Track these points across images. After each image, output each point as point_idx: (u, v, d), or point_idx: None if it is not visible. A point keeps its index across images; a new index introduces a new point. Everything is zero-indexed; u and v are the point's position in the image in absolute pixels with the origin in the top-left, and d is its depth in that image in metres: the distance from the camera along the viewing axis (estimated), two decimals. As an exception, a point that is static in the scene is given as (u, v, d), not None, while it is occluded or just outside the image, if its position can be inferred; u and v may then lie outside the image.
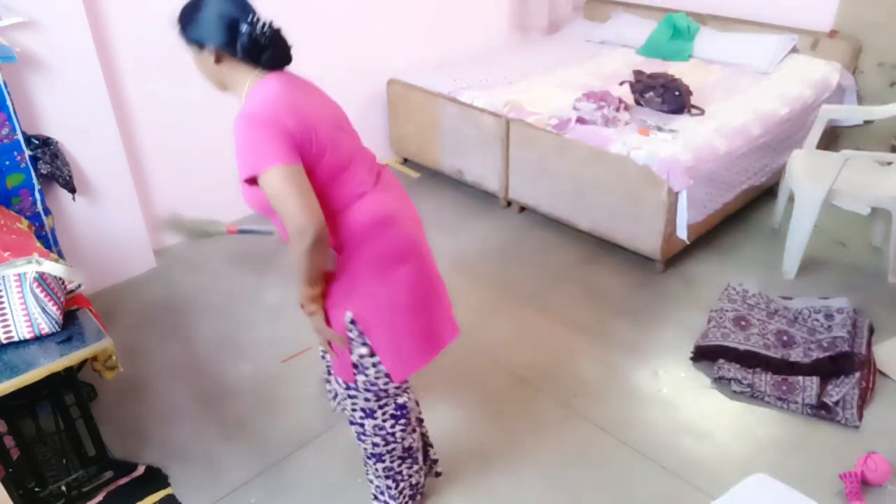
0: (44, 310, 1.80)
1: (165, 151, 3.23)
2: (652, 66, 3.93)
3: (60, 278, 1.89)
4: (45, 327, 1.82)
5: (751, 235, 3.42)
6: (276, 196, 1.48)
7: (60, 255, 2.77)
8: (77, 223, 2.92)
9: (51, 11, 2.57)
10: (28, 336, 1.81)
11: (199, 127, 3.28)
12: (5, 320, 1.77)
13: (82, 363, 1.89)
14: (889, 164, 3.03)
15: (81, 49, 2.69)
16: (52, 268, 1.81)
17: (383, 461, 1.85)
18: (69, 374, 1.93)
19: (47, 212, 2.66)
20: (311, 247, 1.49)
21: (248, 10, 1.57)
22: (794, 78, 3.71)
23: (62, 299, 1.88)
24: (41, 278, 1.79)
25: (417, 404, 1.95)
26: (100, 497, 2.08)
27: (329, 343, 1.67)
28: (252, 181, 1.52)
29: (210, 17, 1.52)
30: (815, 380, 2.41)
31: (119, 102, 2.96)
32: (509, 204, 3.71)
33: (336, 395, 2.26)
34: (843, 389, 2.38)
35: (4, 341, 1.79)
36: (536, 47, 4.63)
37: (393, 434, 1.80)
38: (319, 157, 1.55)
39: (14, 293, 1.77)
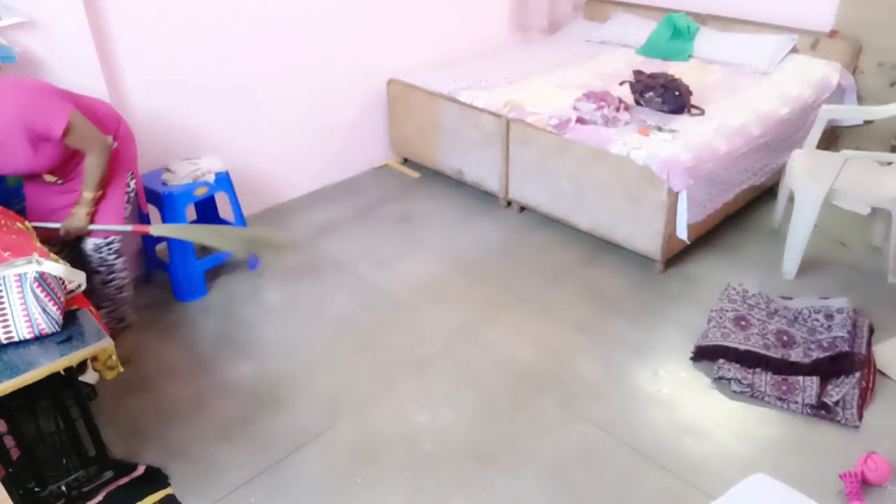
0: (44, 310, 1.80)
1: (165, 150, 3.23)
2: (652, 66, 3.93)
3: (60, 278, 1.89)
4: (45, 327, 1.82)
5: (751, 235, 3.42)
6: (83, 129, 2.13)
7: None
8: (77, 223, 2.91)
9: (51, 11, 2.57)
10: (28, 336, 1.81)
11: (198, 127, 3.29)
12: (5, 320, 1.77)
13: (83, 363, 1.89)
14: (889, 164, 3.03)
15: (81, 49, 2.69)
16: (52, 268, 1.81)
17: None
18: (69, 373, 1.93)
19: (47, 212, 2.65)
20: (109, 157, 2.24)
21: None
22: (794, 78, 3.72)
23: (62, 299, 1.88)
24: (41, 278, 1.79)
25: None
26: (100, 497, 2.08)
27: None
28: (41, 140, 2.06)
29: None
30: (815, 380, 2.41)
31: (119, 102, 2.96)
32: (509, 204, 3.71)
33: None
34: (843, 389, 2.38)
35: (4, 341, 1.79)
36: (536, 47, 4.63)
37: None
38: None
39: (14, 293, 1.77)
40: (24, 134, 2.04)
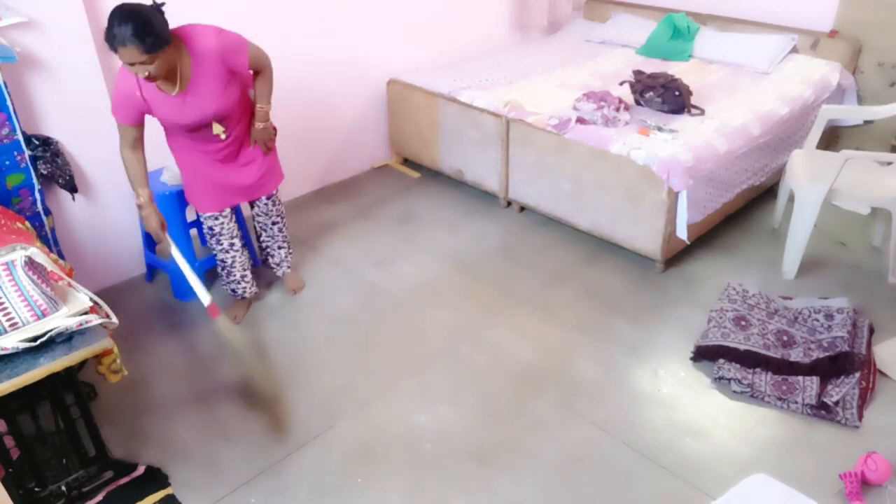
0: (41, 291, 1.79)
1: (165, 150, 3.22)
2: (652, 66, 3.93)
3: (44, 266, 1.88)
4: (46, 307, 1.80)
5: (751, 235, 3.42)
6: (262, 53, 2.46)
7: (60, 255, 2.77)
8: (77, 223, 2.92)
9: (51, 11, 2.57)
10: (31, 319, 1.79)
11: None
12: (5, 309, 1.76)
13: (82, 363, 1.88)
14: (889, 164, 3.03)
15: (81, 49, 2.69)
16: (37, 254, 1.81)
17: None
18: (69, 374, 1.93)
19: (47, 212, 2.66)
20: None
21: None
22: (794, 78, 3.72)
23: (49, 283, 1.87)
24: (31, 262, 1.79)
25: None
26: (100, 497, 2.08)
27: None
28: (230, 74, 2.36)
29: (161, 23, 2.11)
30: (815, 380, 2.41)
31: (119, 102, 2.96)
32: (509, 204, 3.71)
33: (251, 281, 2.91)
34: (843, 389, 2.38)
35: (9, 329, 1.77)
36: (536, 47, 4.63)
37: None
38: None
39: (6, 282, 1.76)
40: (221, 67, 2.31)
